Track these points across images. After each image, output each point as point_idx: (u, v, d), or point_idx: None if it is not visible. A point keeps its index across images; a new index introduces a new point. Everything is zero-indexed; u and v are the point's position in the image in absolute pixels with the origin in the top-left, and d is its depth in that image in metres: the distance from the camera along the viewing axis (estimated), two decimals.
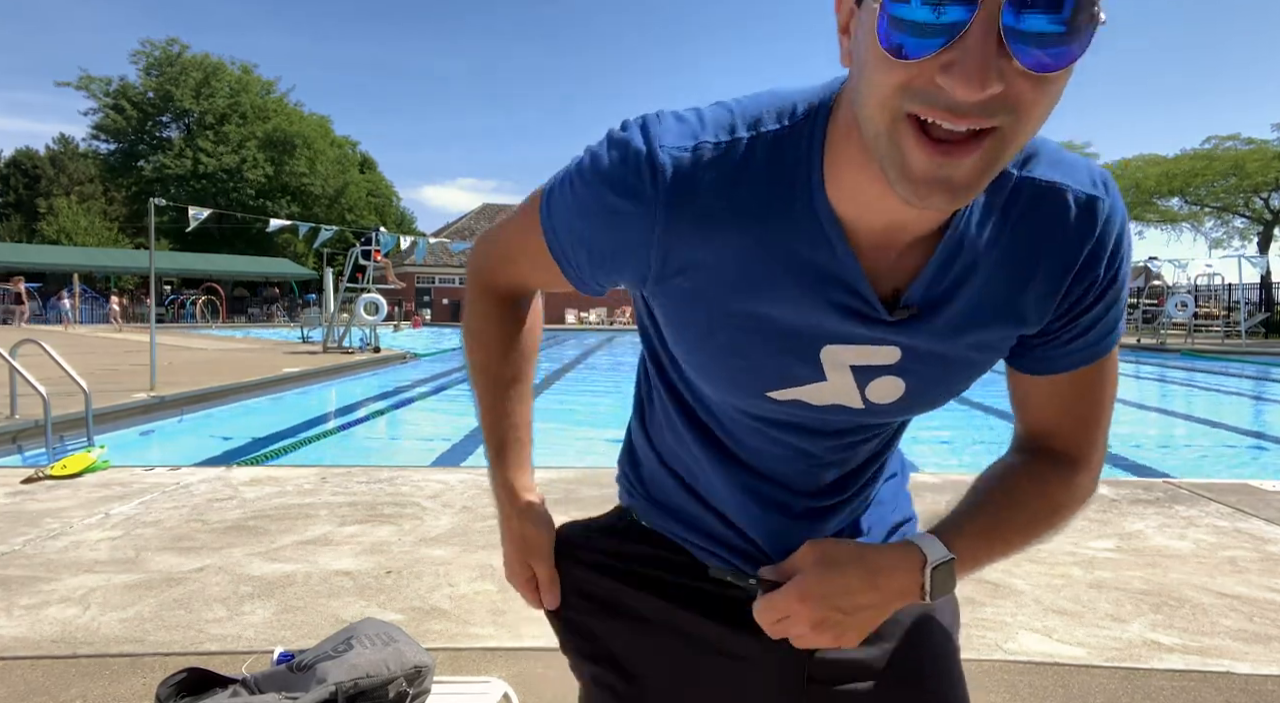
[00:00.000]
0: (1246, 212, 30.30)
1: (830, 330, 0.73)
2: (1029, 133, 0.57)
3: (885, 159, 0.59)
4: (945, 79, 0.52)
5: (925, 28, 0.52)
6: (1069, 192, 0.70)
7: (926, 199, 0.58)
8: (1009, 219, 0.71)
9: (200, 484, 4.73)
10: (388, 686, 1.87)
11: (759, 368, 0.76)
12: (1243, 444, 7.71)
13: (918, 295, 0.71)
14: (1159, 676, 2.38)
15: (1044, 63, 0.52)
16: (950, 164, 0.56)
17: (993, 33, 0.51)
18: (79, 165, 50.11)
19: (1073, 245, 0.71)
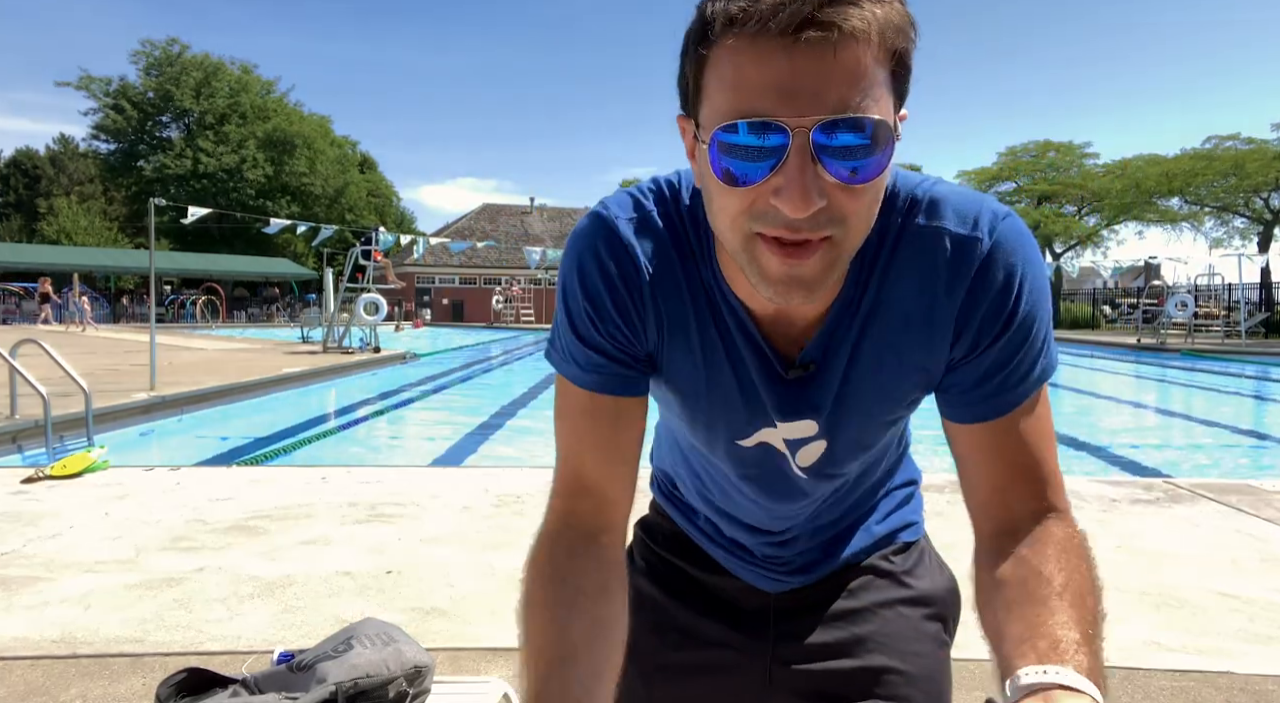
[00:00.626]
0: (1246, 211, 30.29)
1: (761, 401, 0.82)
2: (859, 234, 0.65)
3: (746, 268, 0.68)
4: (777, 201, 0.61)
5: (751, 155, 0.60)
6: (944, 234, 0.73)
7: (786, 297, 0.66)
8: (890, 269, 0.75)
9: (200, 484, 4.73)
10: (388, 686, 1.87)
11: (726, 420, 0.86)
12: (1243, 444, 7.71)
13: (814, 353, 0.79)
14: (1159, 676, 2.38)
15: (853, 177, 0.61)
16: (798, 265, 0.64)
17: (807, 156, 0.59)
18: (79, 165, 50.13)
19: (950, 288, 0.73)
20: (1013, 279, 0.73)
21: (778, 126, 0.59)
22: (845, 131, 0.59)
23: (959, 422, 0.79)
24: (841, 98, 0.58)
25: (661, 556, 1.07)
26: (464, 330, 32.53)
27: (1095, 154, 36.89)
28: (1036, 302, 0.74)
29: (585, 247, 0.79)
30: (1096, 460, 6.47)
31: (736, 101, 0.60)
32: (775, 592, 1.00)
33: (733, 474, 0.93)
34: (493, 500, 4.34)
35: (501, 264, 45.42)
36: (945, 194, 0.75)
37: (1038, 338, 0.75)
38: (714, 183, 0.65)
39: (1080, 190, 35.38)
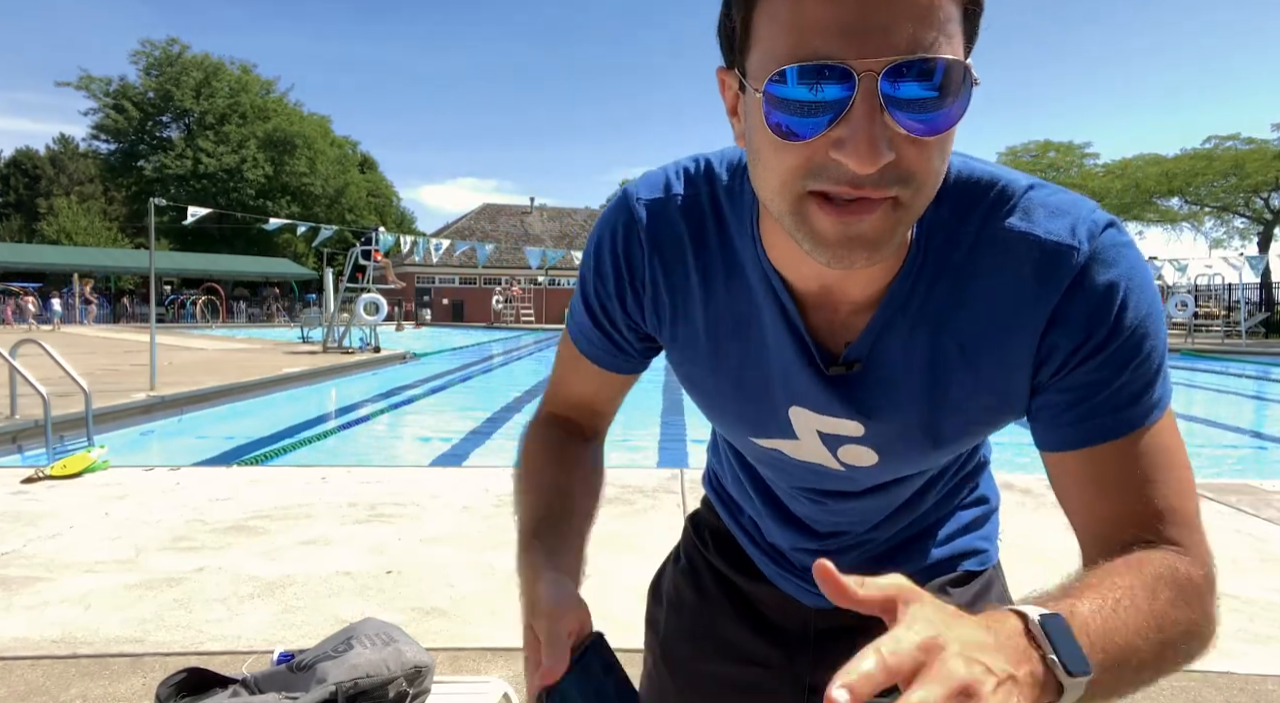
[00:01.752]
0: (1246, 211, 30.30)
1: (791, 388, 0.76)
2: (927, 195, 0.58)
3: (796, 234, 0.60)
4: (839, 154, 0.54)
5: (809, 106, 0.53)
6: (1035, 242, 0.65)
7: (845, 260, 0.58)
8: (964, 276, 0.67)
9: (200, 484, 4.73)
10: (388, 686, 1.87)
11: (738, 416, 0.83)
12: (1243, 444, 7.71)
13: (859, 351, 0.72)
14: None
15: (926, 127, 0.54)
16: (857, 222, 0.56)
17: (875, 104, 0.52)
18: (79, 165, 50.12)
19: (1038, 300, 0.65)
20: (1113, 293, 0.63)
21: (843, 70, 0.52)
22: (918, 76, 0.52)
23: (1049, 449, 0.69)
24: (914, 36, 0.52)
25: (705, 556, 1.04)
26: (464, 330, 32.53)
27: (1095, 154, 36.88)
28: (1143, 320, 0.64)
29: (605, 225, 0.80)
30: None
31: (794, 44, 0.53)
32: (814, 607, 0.94)
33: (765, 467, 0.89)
34: (493, 501, 4.34)
35: (501, 264, 45.43)
36: (1040, 196, 0.67)
37: (1148, 360, 0.65)
38: (765, 138, 0.57)
39: (1080, 190, 35.33)
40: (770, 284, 0.73)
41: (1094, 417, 0.65)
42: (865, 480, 0.83)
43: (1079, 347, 0.65)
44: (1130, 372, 0.64)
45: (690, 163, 0.78)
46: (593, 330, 0.85)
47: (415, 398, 10.90)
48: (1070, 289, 0.64)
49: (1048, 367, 0.67)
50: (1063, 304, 0.64)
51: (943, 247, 0.68)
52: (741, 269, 0.74)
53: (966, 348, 0.69)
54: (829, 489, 0.87)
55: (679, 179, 0.77)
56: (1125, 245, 0.65)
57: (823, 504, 0.88)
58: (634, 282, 0.79)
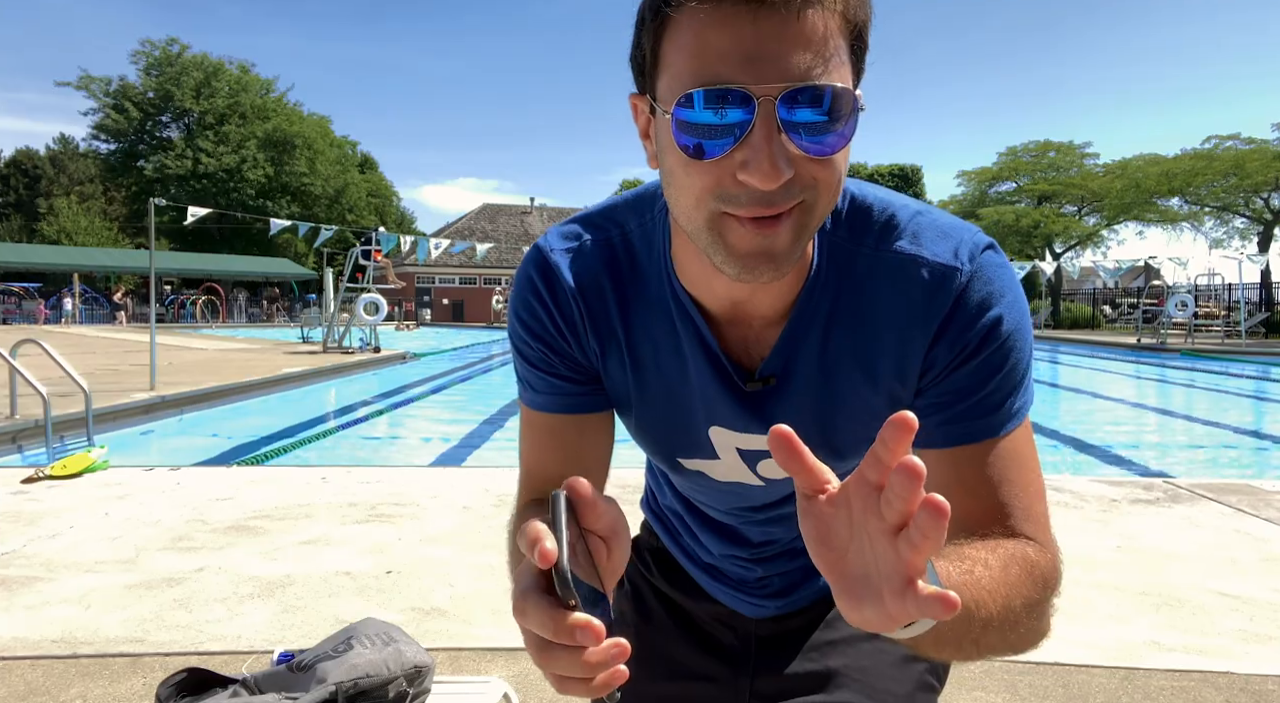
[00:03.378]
0: (1247, 211, 30.29)
1: (711, 409, 0.80)
2: (829, 200, 0.63)
3: (709, 249, 0.65)
4: (745, 175, 0.59)
5: (714, 127, 0.58)
6: (924, 264, 0.72)
7: (754, 272, 0.63)
8: (862, 293, 0.74)
9: (200, 484, 4.73)
10: (388, 686, 1.87)
11: (662, 439, 0.86)
12: (1243, 444, 7.70)
13: (774, 367, 0.77)
14: (1159, 675, 2.38)
15: (820, 148, 0.59)
16: (770, 235, 0.61)
17: (773, 126, 0.58)
18: (79, 165, 50.10)
19: (927, 315, 0.72)
20: (988, 306, 0.71)
21: (743, 94, 0.57)
22: (810, 101, 0.58)
23: (924, 446, 0.72)
24: (806, 65, 0.57)
25: (647, 578, 1.07)
26: (464, 330, 32.53)
27: (1095, 154, 36.96)
28: (1013, 332, 0.71)
29: (525, 279, 0.83)
30: (1096, 461, 6.47)
31: (699, 69, 0.58)
32: (755, 617, 0.98)
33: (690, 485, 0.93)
34: (493, 501, 4.34)
35: (501, 264, 45.43)
36: (926, 221, 0.74)
37: (1014, 371, 0.71)
38: (675, 157, 0.62)
39: (1080, 190, 35.39)
40: (684, 308, 0.77)
41: (959, 421, 0.72)
42: (784, 490, 0.88)
43: (954, 356, 0.72)
44: (995, 382, 0.71)
45: (595, 212, 0.83)
46: (542, 379, 0.84)
47: (415, 398, 10.90)
48: (954, 305, 0.71)
49: (929, 374, 0.74)
50: (947, 318, 0.71)
51: (843, 264, 0.74)
52: (657, 299, 0.79)
53: (864, 358, 0.75)
54: (753, 505, 0.91)
55: (586, 227, 0.82)
56: (1001, 266, 0.72)
57: (749, 517, 0.93)
58: (565, 325, 0.81)
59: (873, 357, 0.75)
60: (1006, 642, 0.65)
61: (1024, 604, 0.64)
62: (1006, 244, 36.41)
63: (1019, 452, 0.72)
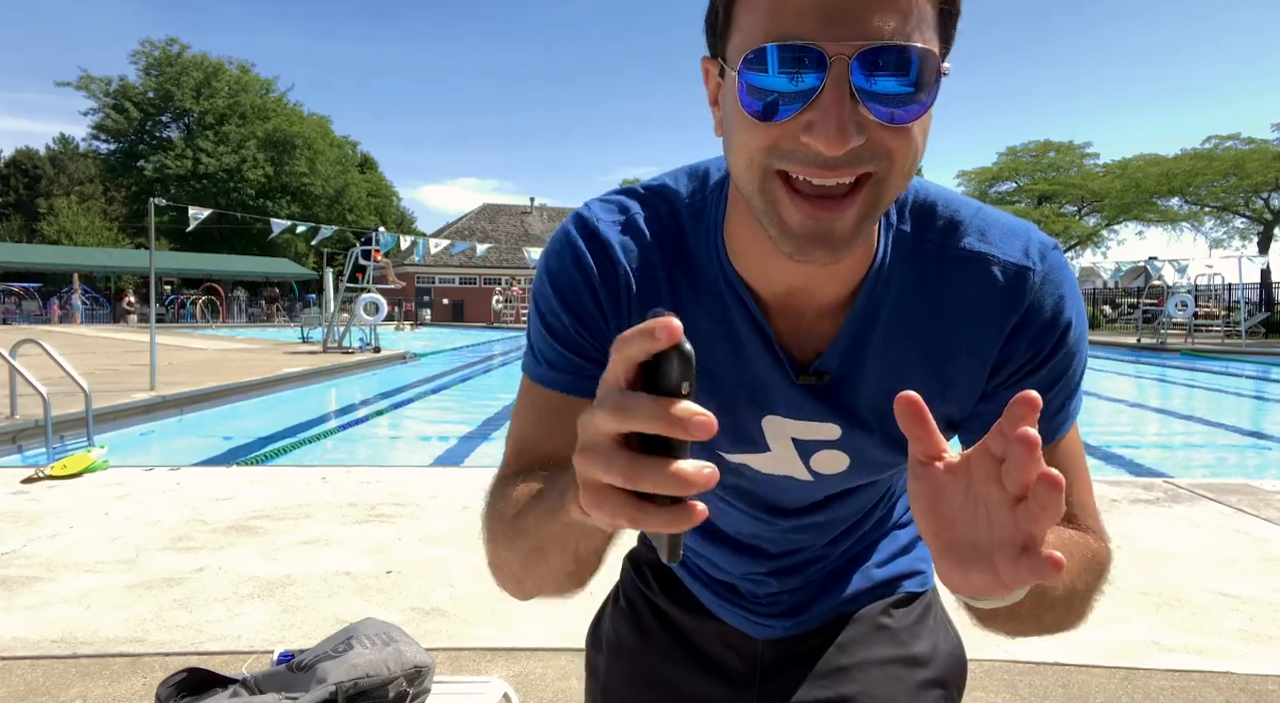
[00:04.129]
0: (1247, 211, 30.29)
1: (765, 397, 0.76)
2: (904, 175, 0.59)
3: (764, 217, 0.61)
4: (809, 137, 0.55)
5: (782, 94, 0.55)
6: (995, 263, 0.70)
7: (808, 253, 0.59)
8: (929, 290, 0.71)
9: (200, 484, 4.73)
10: (388, 686, 1.87)
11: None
12: (1243, 444, 7.70)
13: (830, 362, 0.73)
14: (1159, 675, 2.38)
15: (897, 116, 0.55)
16: (829, 218, 0.58)
17: (845, 89, 0.54)
18: (79, 165, 50.09)
19: (998, 316, 0.70)
20: (1061, 311, 0.70)
21: (815, 51, 0.53)
22: (889, 63, 0.54)
23: None
24: (889, 25, 0.53)
25: (646, 595, 1.00)
26: (464, 330, 32.54)
27: (1095, 154, 36.93)
28: (1079, 337, 0.72)
29: (561, 243, 0.76)
30: (1096, 460, 6.47)
31: (771, 26, 0.55)
32: (763, 638, 0.92)
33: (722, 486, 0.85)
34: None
35: (502, 264, 45.43)
36: (991, 218, 0.72)
37: (1075, 374, 0.73)
38: (738, 118, 0.58)
39: (1080, 190, 35.39)
40: (737, 292, 0.73)
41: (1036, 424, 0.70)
42: (829, 489, 0.83)
43: (1029, 359, 0.70)
44: (1063, 383, 0.72)
45: (642, 186, 0.79)
46: (560, 356, 0.77)
47: (415, 398, 10.90)
48: (1029, 306, 0.69)
49: (1001, 374, 0.72)
50: (1021, 320, 0.70)
51: (908, 258, 0.71)
52: (708, 281, 0.74)
53: (935, 358, 0.72)
54: (787, 506, 0.86)
55: (634, 199, 0.77)
56: (1066, 267, 0.71)
57: (774, 523, 0.87)
58: (609, 303, 0.75)
59: (943, 358, 0.72)
60: (1060, 622, 0.67)
61: (1084, 588, 0.67)
62: None
63: (1075, 450, 0.74)
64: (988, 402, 0.73)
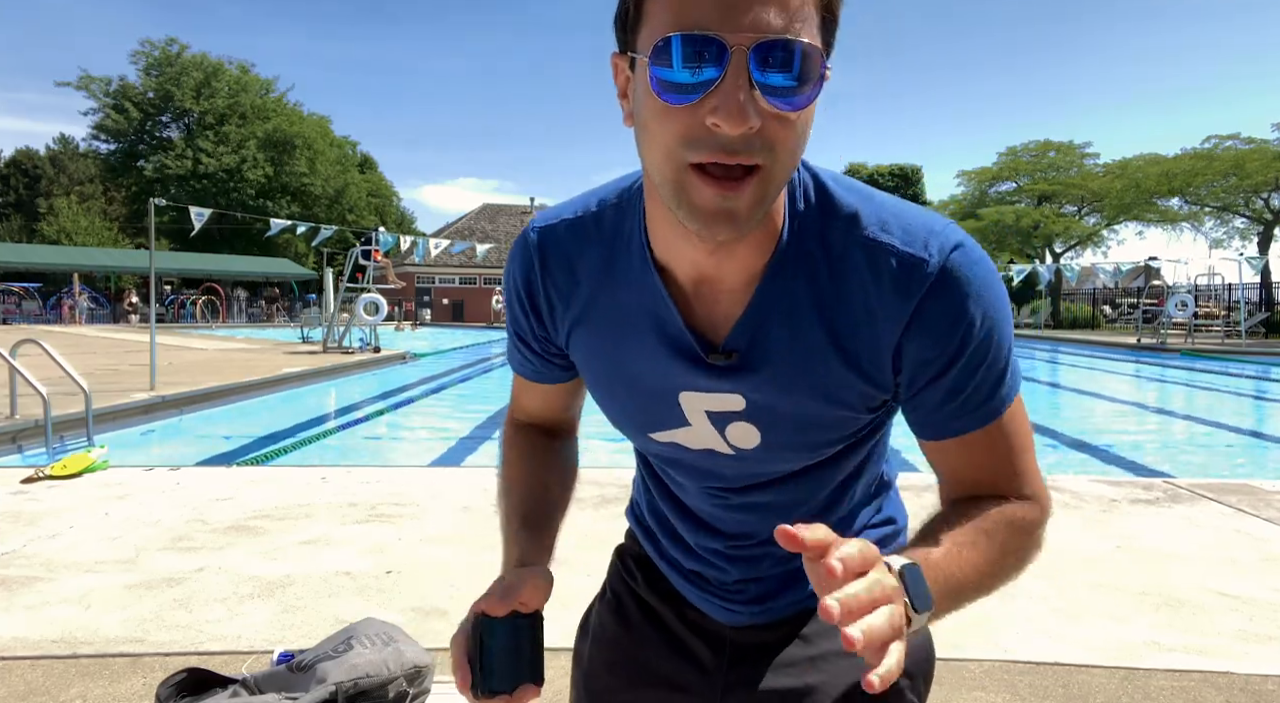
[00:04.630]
0: (1247, 211, 30.29)
1: (678, 376, 0.82)
2: (787, 166, 0.67)
3: (675, 202, 0.68)
4: (713, 119, 0.62)
5: (688, 74, 0.62)
6: (891, 252, 0.73)
7: (713, 228, 0.67)
8: (831, 274, 0.76)
9: (200, 484, 4.73)
10: (388, 686, 1.87)
11: (635, 411, 0.89)
12: (1243, 444, 7.71)
13: (735, 341, 0.79)
14: (1159, 676, 2.38)
15: (786, 105, 0.63)
16: (732, 197, 0.65)
17: (744, 76, 0.61)
18: (79, 165, 50.07)
19: (895, 303, 0.74)
20: (964, 306, 0.73)
21: (717, 41, 0.61)
22: (780, 57, 0.61)
23: (927, 439, 0.81)
24: (780, 21, 0.61)
25: (630, 585, 1.07)
26: (464, 330, 32.53)
27: (1095, 154, 36.95)
28: (990, 329, 0.74)
29: (510, 256, 0.91)
30: (1096, 460, 6.47)
31: (677, 18, 0.62)
32: (731, 624, 0.97)
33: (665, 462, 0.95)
34: (493, 501, 4.32)
35: (501, 264, 45.37)
36: (896, 210, 0.76)
37: (997, 362, 0.76)
38: (650, 105, 0.65)
39: (1080, 190, 35.39)
40: (652, 276, 0.80)
41: (961, 415, 0.78)
42: (756, 467, 0.88)
43: (939, 355, 0.75)
44: (982, 374, 0.76)
45: (583, 193, 0.88)
46: (517, 350, 0.96)
47: (415, 398, 10.90)
48: (924, 298, 0.73)
49: (912, 365, 0.77)
50: (918, 311, 0.73)
51: (814, 243, 0.76)
52: (629, 270, 0.82)
53: (838, 336, 0.76)
54: (727, 485, 0.91)
55: (568, 207, 0.87)
56: (974, 261, 0.74)
57: (724, 500, 0.92)
58: (534, 301, 0.88)
59: (848, 337, 0.76)
60: (1001, 584, 0.78)
61: (1014, 558, 0.78)
62: (1006, 244, 36.41)
63: (1012, 428, 0.79)
64: (917, 397, 0.79)
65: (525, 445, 1.01)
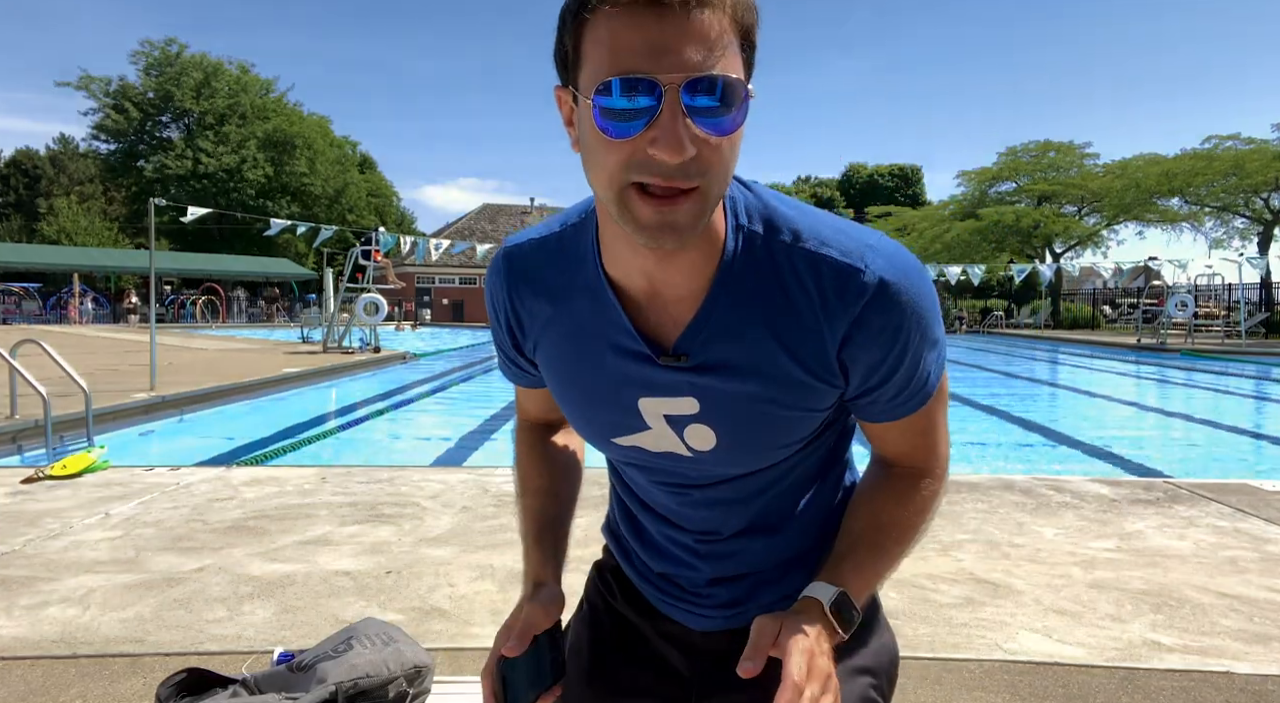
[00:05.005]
0: (1247, 212, 30.28)
1: (635, 382, 0.88)
2: (722, 184, 0.73)
3: (621, 219, 0.74)
4: (653, 150, 0.68)
5: (628, 110, 0.68)
6: (829, 263, 0.80)
7: (659, 239, 0.73)
8: (775, 283, 0.82)
9: (200, 484, 4.73)
10: (388, 686, 1.87)
11: (597, 417, 0.94)
12: (1243, 444, 7.71)
13: (686, 345, 0.85)
14: (1159, 676, 2.38)
15: (716, 130, 0.70)
16: (671, 211, 0.71)
17: (678, 110, 0.68)
18: (79, 165, 50.07)
19: (837, 313, 0.80)
20: (902, 311, 0.81)
21: (651, 82, 0.67)
22: (707, 88, 0.68)
23: (871, 422, 0.93)
24: (702, 57, 0.67)
25: (605, 598, 1.12)
26: (464, 330, 32.52)
27: (1095, 154, 36.89)
28: (927, 327, 0.83)
29: (490, 267, 0.97)
30: (1096, 460, 6.47)
31: (614, 62, 0.68)
32: (701, 630, 1.01)
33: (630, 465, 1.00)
34: (492, 501, 4.34)
35: None
36: (833, 225, 0.83)
37: (932, 355, 0.86)
38: (596, 138, 0.71)
39: (1080, 190, 35.37)
40: (604, 288, 0.86)
41: (904, 404, 0.88)
42: (715, 468, 0.93)
43: (884, 359, 0.83)
44: (922, 367, 0.86)
45: (551, 217, 0.95)
46: (503, 361, 1.04)
47: (415, 398, 10.90)
48: (865, 308, 0.80)
49: (859, 374, 0.85)
50: (859, 320, 0.80)
51: (759, 253, 0.82)
52: (585, 284, 0.88)
53: (783, 339, 0.82)
54: (689, 482, 0.96)
55: (539, 227, 0.94)
56: (906, 270, 0.81)
57: (686, 497, 0.97)
58: (507, 317, 0.96)
59: (793, 341, 0.82)
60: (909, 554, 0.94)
61: (921, 530, 0.94)
62: (1006, 244, 36.39)
63: (935, 412, 0.92)
64: (864, 397, 0.88)
65: (533, 443, 1.10)
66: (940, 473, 0.95)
